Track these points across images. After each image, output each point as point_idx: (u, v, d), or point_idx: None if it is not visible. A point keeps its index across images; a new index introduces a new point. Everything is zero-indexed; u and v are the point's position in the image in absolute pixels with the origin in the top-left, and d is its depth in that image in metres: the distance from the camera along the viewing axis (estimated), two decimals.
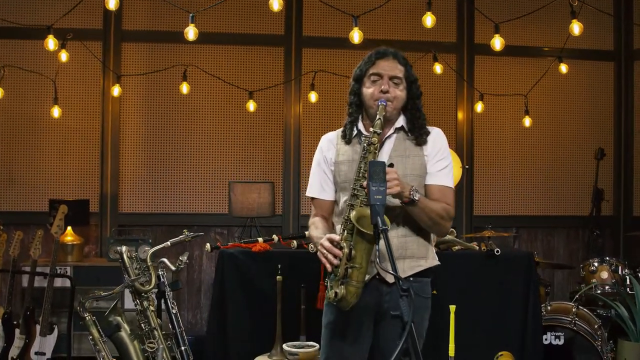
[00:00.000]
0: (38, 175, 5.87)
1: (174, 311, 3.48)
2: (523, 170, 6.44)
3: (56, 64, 5.51)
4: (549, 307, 4.49)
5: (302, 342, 3.84)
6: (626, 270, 4.73)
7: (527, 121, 6.09)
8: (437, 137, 2.83)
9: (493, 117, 6.30)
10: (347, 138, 2.79)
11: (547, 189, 6.47)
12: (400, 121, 2.79)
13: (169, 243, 3.19)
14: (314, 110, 6.15)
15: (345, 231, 2.54)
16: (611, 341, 4.37)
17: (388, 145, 2.77)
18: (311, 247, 3.46)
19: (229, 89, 5.97)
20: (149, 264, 3.14)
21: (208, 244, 3.98)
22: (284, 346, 3.73)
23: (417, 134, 2.78)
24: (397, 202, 2.60)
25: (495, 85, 6.31)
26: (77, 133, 5.92)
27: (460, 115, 6.35)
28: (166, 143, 6.04)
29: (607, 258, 4.81)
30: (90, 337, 2.92)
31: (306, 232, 4.13)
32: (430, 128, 2.86)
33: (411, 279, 2.70)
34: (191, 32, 4.31)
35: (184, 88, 5.64)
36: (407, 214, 2.65)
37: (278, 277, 3.78)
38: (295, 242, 4.06)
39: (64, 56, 5.19)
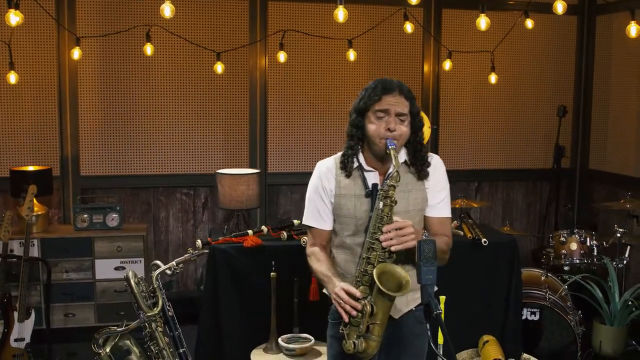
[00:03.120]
0: None
1: (170, 314, 3.44)
2: (486, 126, 6.53)
3: (10, 26, 5.13)
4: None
5: (296, 334, 3.89)
6: (594, 242, 4.94)
7: (492, 78, 6.11)
8: (436, 167, 2.78)
9: (458, 72, 6.29)
10: (347, 171, 2.71)
11: (509, 144, 6.60)
12: (403, 155, 2.73)
13: (174, 263, 3.12)
14: (282, 70, 6.00)
15: (362, 284, 2.53)
16: (579, 311, 4.60)
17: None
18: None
19: (191, 48, 5.72)
20: (154, 285, 3.07)
21: (199, 240, 3.91)
22: (280, 341, 3.78)
23: (420, 168, 2.73)
24: None
25: (462, 41, 6.26)
26: (33, 97, 5.60)
27: (426, 69, 6.31)
28: (127, 104, 5.80)
29: (576, 230, 5.00)
30: None
31: (301, 230, 4.12)
32: (429, 156, 2.79)
33: (413, 309, 2.72)
34: None
35: (148, 49, 5.36)
36: (408, 250, 2.59)
37: (272, 273, 3.78)
38: (285, 233, 4.03)
39: (15, 18, 4.77)
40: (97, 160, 5.80)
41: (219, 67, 5.51)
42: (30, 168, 5.37)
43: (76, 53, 5.27)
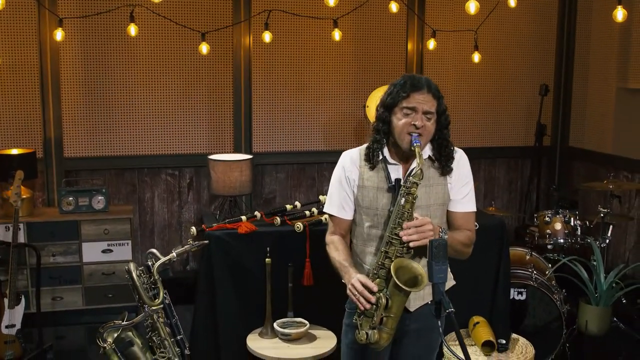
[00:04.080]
0: None
1: (167, 301, 3.45)
2: (469, 105, 6.58)
3: None
4: None
5: (291, 318, 3.93)
6: (578, 221, 5.04)
7: (476, 57, 6.13)
8: (460, 161, 2.82)
9: (442, 51, 6.30)
10: (371, 163, 2.76)
11: (491, 123, 6.67)
12: (427, 151, 2.77)
13: (174, 254, 3.11)
14: (266, 50, 5.96)
15: (378, 277, 2.57)
16: (564, 290, 4.71)
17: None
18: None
19: (175, 28, 5.65)
20: (156, 277, 3.07)
21: (193, 227, 3.91)
22: (275, 326, 3.82)
23: (444, 164, 2.76)
24: None
25: (445, 20, 6.26)
26: (14, 78, 5.51)
27: (410, 48, 6.32)
28: (110, 85, 5.73)
29: (561, 210, 5.08)
30: None
31: (307, 218, 4.14)
32: (454, 152, 2.83)
33: (429, 302, 2.75)
34: None
35: (132, 30, 5.28)
36: (426, 246, 2.64)
37: (267, 259, 3.81)
38: (278, 218, 4.05)
39: None
40: (80, 141, 5.74)
41: (204, 48, 5.46)
42: (14, 151, 5.30)
43: (59, 34, 5.17)
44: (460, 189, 2.80)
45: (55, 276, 5.27)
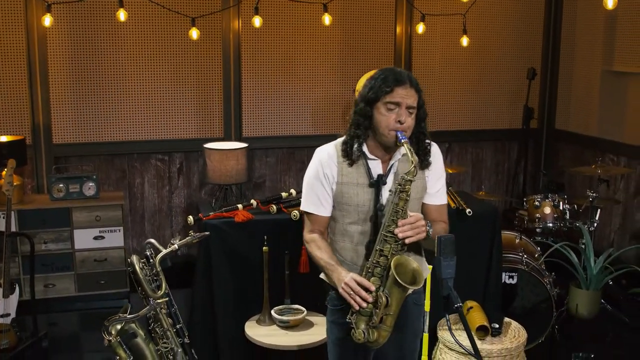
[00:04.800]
0: None
1: (166, 290, 3.47)
2: (457, 88, 6.62)
3: None
4: None
5: (288, 305, 3.97)
6: (566, 205, 5.12)
7: (464, 40, 6.16)
8: (435, 155, 2.82)
9: (430, 35, 6.31)
10: (350, 159, 2.72)
11: (478, 106, 6.71)
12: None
13: (176, 246, 3.13)
14: (255, 35, 5.94)
15: (373, 275, 2.59)
16: (553, 273, 4.80)
17: (393, 171, 2.75)
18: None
19: (163, 13, 5.61)
20: (158, 269, 3.09)
21: (190, 217, 3.93)
22: (273, 313, 3.85)
23: (422, 158, 2.76)
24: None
25: (434, 3, 6.27)
26: (1, 64, 5.44)
27: (399, 31, 6.32)
28: (99, 71, 5.69)
29: (550, 194, 5.16)
30: (118, 357, 2.89)
31: (293, 213, 4.17)
32: (430, 144, 2.82)
33: (410, 291, 2.76)
34: None
35: (121, 15, 5.22)
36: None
37: (264, 247, 3.84)
38: (274, 206, 4.07)
39: None
40: (69, 128, 5.71)
41: (194, 33, 5.43)
42: (3, 138, 5.26)
43: (47, 20, 5.12)
44: (435, 183, 2.82)
45: (47, 263, 5.27)
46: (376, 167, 2.74)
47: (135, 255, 3.06)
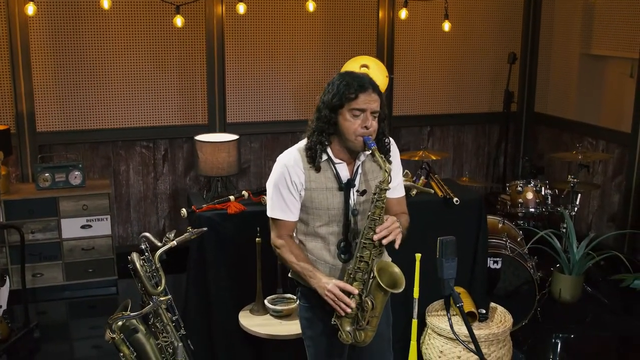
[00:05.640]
0: None
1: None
2: (438, 73, 6.68)
3: None
4: None
5: (280, 294, 4.05)
6: (548, 190, 5.24)
7: (446, 25, 6.20)
8: (393, 153, 2.89)
9: (412, 19, 6.35)
10: (316, 165, 2.75)
11: (459, 90, 6.79)
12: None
13: (175, 242, 3.17)
14: (239, 21, 5.93)
15: (355, 280, 2.67)
16: (536, 257, 4.93)
17: (360, 172, 2.82)
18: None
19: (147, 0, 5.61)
20: (157, 265, 3.13)
21: (184, 209, 3.96)
22: (266, 303, 3.93)
23: (384, 157, 2.78)
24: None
25: None
26: None
27: (381, 16, 6.35)
28: (82, 58, 5.66)
29: (532, 180, 5.28)
30: (121, 354, 2.94)
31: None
32: (389, 142, 2.89)
33: None
34: None
35: (105, 2, 5.19)
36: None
37: (257, 239, 3.89)
38: (265, 197, 4.11)
39: None
40: (53, 116, 5.68)
41: (179, 21, 5.41)
42: None
43: (30, 9, 5.07)
44: (395, 177, 2.88)
45: (35, 253, 5.27)
46: (343, 170, 2.79)
47: (135, 253, 3.10)
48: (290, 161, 2.78)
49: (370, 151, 2.67)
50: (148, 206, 6.14)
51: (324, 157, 2.76)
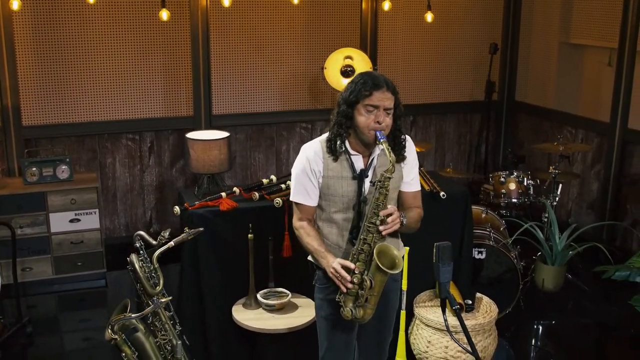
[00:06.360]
0: None
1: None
2: (421, 63, 6.76)
3: None
4: None
5: (272, 288, 4.13)
6: (530, 181, 5.37)
7: (429, 16, 6.27)
8: (409, 148, 3.12)
9: (395, 10, 6.41)
10: (335, 155, 3.01)
11: (441, 79, 6.88)
12: None
13: (172, 243, 3.22)
14: (223, 12, 5.95)
15: (358, 260, 2.90)
16: (518, 246, 5.05)
17: (373, 165, 3.04)
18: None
19: None
20: (155, 265, 3.19)
21: (177, 207, 4.01)
22: (259, 297, 4.00)
23: (398, 153, 3.05)
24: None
25: None
26: None
27: (364, 6, 6.40)
28: (67, 51, 5.64)
29: (515, 171, 5.40)
30: (123, 354, 3.00)
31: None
32: (405, 139, 3.10)
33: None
34: None
35: None
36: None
37: (249, 235, 3.96)
38: (256, 193, 4.18)
39: None
40: (39, 109, 5.68)
41: (164, 14, 5.42)
42: None
43: (15, 4, 5.05)
44: (410, 172, 3.13)
45: (24, 247, 5.29)
46: (358, 162, 3.04)
47: (134, 254, 3.15)
48: (311, 152, 3.06)
49: (380, 143, 2.88)
50: (135, 198, 6.17)
51: (342, 148, 3.01)
